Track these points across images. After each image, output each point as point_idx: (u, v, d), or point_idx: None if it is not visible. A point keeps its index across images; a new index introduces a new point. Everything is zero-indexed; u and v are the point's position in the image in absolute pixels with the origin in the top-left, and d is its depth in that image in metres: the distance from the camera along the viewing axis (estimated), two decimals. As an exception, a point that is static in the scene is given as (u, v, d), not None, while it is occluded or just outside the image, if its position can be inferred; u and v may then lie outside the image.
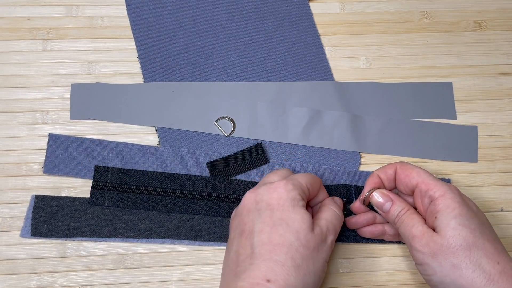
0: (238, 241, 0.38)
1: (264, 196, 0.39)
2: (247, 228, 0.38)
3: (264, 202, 0.39)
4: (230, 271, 0.37)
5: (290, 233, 0.37)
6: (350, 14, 0.53)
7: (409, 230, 0.39)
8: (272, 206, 0.38)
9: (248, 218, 0.39)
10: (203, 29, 0.51)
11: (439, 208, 0.38)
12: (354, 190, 0.45)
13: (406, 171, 0.41)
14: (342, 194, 0.45)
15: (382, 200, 0.41)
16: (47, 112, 0.48)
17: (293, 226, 0.37)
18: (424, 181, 0.40)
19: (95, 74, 0.49)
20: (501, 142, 0.49)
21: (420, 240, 0.38)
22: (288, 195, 0.38)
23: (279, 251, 0.36)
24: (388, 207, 0.41)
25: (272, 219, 0.37)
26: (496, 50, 0.52)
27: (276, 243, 0.36)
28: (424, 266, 0.38)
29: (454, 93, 0.50)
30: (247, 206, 0.39)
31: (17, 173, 0.46)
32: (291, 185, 0.39)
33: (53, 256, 0.44)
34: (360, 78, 0.50)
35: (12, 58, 0.49)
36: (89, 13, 0.51)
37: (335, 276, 0.44)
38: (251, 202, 0.39)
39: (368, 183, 0.43)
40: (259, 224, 0.38)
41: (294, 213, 0.38)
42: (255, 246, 0.37)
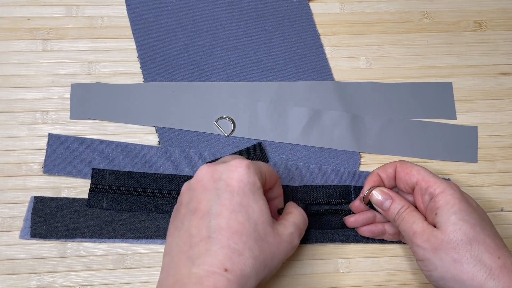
0: (190, 219, 0.36)
1: (223, 174, 0.37)
2: (202, 207, 0.36)
3: (223, 182, 0.36)
4: (181, 252, 0.35)
5: (249, 223, 0.35)
6: (350, 14, 0.53)
7: (409, 227, 0.39)
8: (232, 188, 0.36)
9: (204, 196, 0.36)
10: (203, 29, 0.51)
11: (439, 204, 0.38)
12: (353, 191, 0.45)
13: (406, 169, 0.41)
14: (341, 195, 0.45)
15: (382, 198, 0.41)
16: (47, 112, 0.48)
17: (252, 216, 0.35)
18: (424, 178, 0.40)
19: (95, 74, 0.49)
20: (501, 142, 0.49)
21: (421, 236, 0.38)
22: (248, 179, 0.36)
23: (238, 239, 0.34)
24: (388, 205, 0.41)
25: (232, 203, 0.35)
26: (496, 50, 0.52)
27: (235, 230, 0.35)
28: (425, 261, 0.38)
29: (454, 93, 0.50)
30: (202, 182, 0.37)
31: (17, 173, 0.46)
32: (252, 169, 0.37)
33: (53, 256, 0.44)
34: (360, 78, 0.50)
35: (12, 58, 0.49)
36: (89, 13, 0.51)
37: (335, 276, 0.44)
38: (208, 179, 0.37)
39: (368, 181, 0.43)
40: (217, 206, 0.35)
41: (254, 201, 0.36)
42: (212, 230, 0.35)
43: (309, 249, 0.45)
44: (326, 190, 0.45)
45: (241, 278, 0.34)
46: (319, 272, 0.44)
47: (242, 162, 0.37)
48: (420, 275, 0.45)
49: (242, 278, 0.34)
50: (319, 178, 0.46)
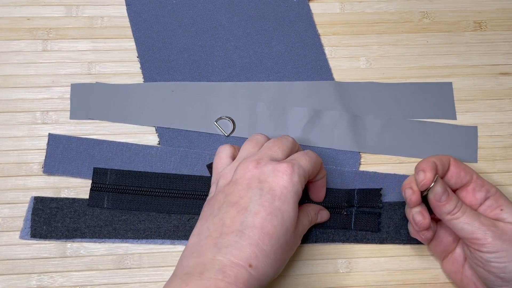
0: (227, 209, 0.37)
1: (269, 177, 0.37)
2: (242, 202, 0.37)
3: (267, 184, 0.37)
4: (209, 237, 0.36)
5: (281, 228, 0.36)
6: (350, 14, 0.53)
7: (477, 219, 0.39)
8: (274, 192, 0.37)
9: (246, 193, 0.37)
10: (203, 29, 0.51)
11: (502, 202, 0.40)
12: (357, 194, 0.45)
13: (461, 165, 0.42)
14: (344, 199, 0.45)
15: (442, 189, 0.40)
16: (47, 112, 0.48)
17: (286, 222, 0.37)
18: (478, 177, 0.42)
19: (95, 74, 0.49)
20: (501, 142, 0.49)
21: (497, 228, 0.39)
22: (292, 187, 0.37)
23: (267, 240, 0.36)
24: (446, 198, 0.40)
25: (271, 206, 0.37)
26: (496, 50, 0.52)
27: (267, 232, 0.36)
28: (500, 253, 0.38)
29: (454, 93, 0.50)
30: (248, 180, 0.38)
31: (17, 173, 0.46)
32: (297, 177, 0.38)
33: (53, 256, 0.44)
34: (360, 78, 0.50)
35: (12, 58, 0.49)
36: (89, 13, 0.51)
37: (335, 276, 0.44)
38: (254, 179, 0.38)
39: (427, 168, 0.41)
40: (256, 205, 0.36)
41: (292, 209, 0.37)
42: (245, 225, 0.36)
43: (309, 249, 0.45)
44: (330, 194, 0.45)
45: (262, 276, 0.35)
46: (319, 272, 0.44)
47: (288, 168, 0.38)
48: (420, 275, 0.45)
49: (263, 277, 0.35)
50: (319, 178, 0.46)
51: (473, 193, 0.41)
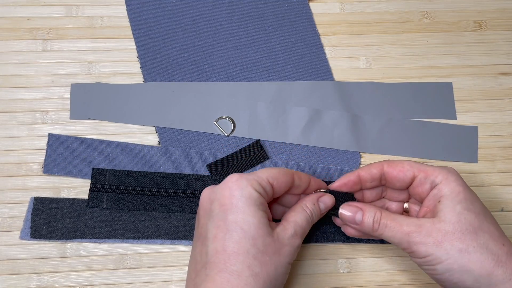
0: (195, 246, 0.37)
1: (217, 194, 0.36)
2: (202, 232, 0.36)
3: (217, 202, 0.36)
4: (189, 280, 0.36)
5: (245, 240, 0.34)
6: (350, 14, 0.53)
7: (399, 230, 0.37)
8: (225, 207, 0.35)
9: (204, 220, 0.36)
10: (203, 29, 0.51)
11: (444, 192, 0.37)
12: None
13: (397, 166, 0.40)
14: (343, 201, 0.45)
15: (351, 213, 0.39)
16: (46, 112, 0.48)
17: (248, 232, 0.34)
18: (421, 169, 0.39)
19: (95, 74, 0.49)
20: (501, 142, 0.49)
21: (420, 233, 0.37)
22: (241, 193, 0.35)
23: (234, 260, 0.34)
24: (360, 217, 0.39)
25: (226, 223, 0.35)
26: (496, 50, 0.52)
27: (231, 251, 0.34)
28: (428, 257, 0.36)
29: (454, 93, 0.50)
30: (202, 206, 0.37)
31: (16, 173, 0.46)
32: (244, 181, 0.36)
33: (52, 256, 0.44)
34: (360, 78, 0.50)
35: (12, 58, 0.49)
36: (89, 13, 0.51)
37: (335, 276, 0.44)
38: (206, 201, 0.37)
39: (341, 179, 0.41)
40: (212, 229, 0.35)
41: (250, 215, 0.35)
42: (209, 254, 0.34)
43: (309, 249, 0.45)
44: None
45: None
46: (319, 272, 0.44)
47: (232, 177, 0.36)
48: (420, 275, 0.45)
49: None
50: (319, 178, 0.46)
51: (420, 187, 0.39)
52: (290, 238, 0.37)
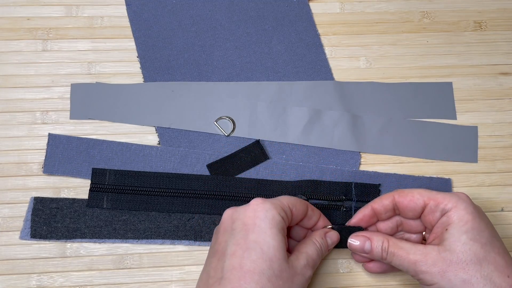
0: (210, 261, 0.37)
1: (240, 214, 0.37)
2: (220, 249, 0.36)
3: (239, 221, 0.36)
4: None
5: (263, 260, 0.34)
6: (350, 14, 0.53)
7: (406, 259, 0.38)
8: (247, 227, 0.36)
9: (223, 238, 0.37)
10: (203, 29, 0.51)
11: (452, 220, 0.37)
12: (354, 188, 0.45)
13: (407, 196, 0.40)
14: (341, 191, 0.45)
15: (359, 243, 0.40)
16: (47, 112, 0.48)
17: (267, 253, 0.35)
18: (431, 197, 0.39)
19: (95, 74, 0.49)
20: (501, 142, 0.49)
21: (426, 262, 0.37)
22: (265, 214, 0.36)
23: (249, 279, 0.34)
24: (369, 246, 0.40)
25: (246, 242, 0.35)
26: (496, 50, 0.52)
27: (247, 270, 0.34)
28: (434, 286, 0.37)
29: (454, 93, 0.50)
30: (224, 224, 0.38)
31: (16, 173, 0.46)
32: (269, 204, 0.37)
33: (52, 256, 0.44)
34: (360, 78, 0.50)
35: (12, 58, 0.49)
36: (89, 13, 0.51)
37: (335, 276, 0.44)
38: (228, 220, 0.37)
39: (356, 216, 0.42)
40: (232, 246, 0.35)
41: (271, 237, 0.35)
42: (225, 270, 0.35)
43: (309, 249, 0.45)
44: (327, 186, 0.45)
45: None
46: (319, 272, 0.44)
47: (257, 200, 0.37)
48: (420, 275, 0.45)
49: None
50: (319, 178, 0.46)
51: (431, 215, 0.39)
52: (302, 268, 0.37)
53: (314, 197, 0.45)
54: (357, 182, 0.46)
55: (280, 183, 0.46)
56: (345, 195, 0.45)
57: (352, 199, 0.45)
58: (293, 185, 0.46)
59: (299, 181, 0.46)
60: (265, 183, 0.46)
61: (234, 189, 0.45)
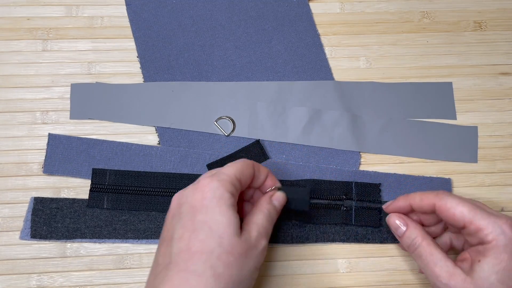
0: (158, 250, 0.35)
1: (188, 197, 0.35)
2: (168, 235, 0.35)
3: (187, 204, 0.35)
4: (148, 283, 0.34)
5: (212, 239, 0.33)
6: (350, 14, 0.53)
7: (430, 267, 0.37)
8: (195, 209, 0.34)
9: (171, 224, 0.35)
10: (203, 29, 0.51)
11: (488, 254, 0.36)
12: (355, 187, 0.45)
13: (449, 211, 0.38)
14: (342, 191, 0.45)
15: (398, 223, 0.40)
16: (47, 112, 0.48)
17: (216, 231, 0.33)
18: (472, 221, 0.37)
19: (95, 74, 0.49)
20: (501, 142, 0.49)
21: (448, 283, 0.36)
22: (213, 194, 0.34)
23: (197, 259, 0.32)
24: (402, 232, 0.40)
25: (193, 223, 0.34)
26: (496, 50, 0.52)
27: (195, 251, 0.33)
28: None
29: (454, 93, 0.50)
30: (171, 211, 0.36)
31: (16, 173, 0.46)
32: (216, 182, 0.35)
33: (52, 256, 0.44)
34: (360, 78, 0.50)
35: (12, 58, 0.49)
36: (89, 13, 0.51)
37: (335, 276, 0.44)
38: (175, 206, 0.36)
39: (393, 203, 0.42)
40: (179, 230, 0.34)
41: (220, 214, 0.34)
42: (173, 255, 0.33)
43: (309, 249, 0.45)
44: (327, 185, 0.45)
45: None
46: (319, 272, 0.44)
47: (205, 179, 0.36)
48: (420, 275, 0.45)
49: None
50: (319, 178, 0.46)
51: (469, 237, 0.38)
52: (255, 239, 0.36)
53: (314, 196, 0.45)
54: (358, 181, 0.46)
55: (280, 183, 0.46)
56: (345, 195, 0.45)
57: (352, 198, 0.45)
58: (294, 184, 0.46)
59: (299, 181, 0.46)
60: None
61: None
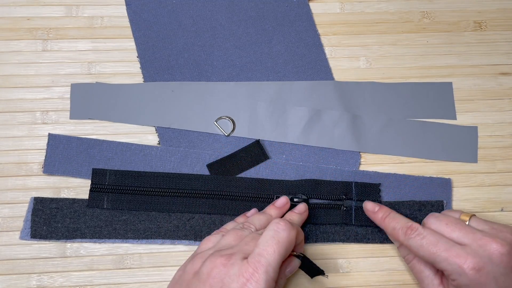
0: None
1: (232, 283, 0.33)
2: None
3: (219, 283, 0.34)
4: None
5: None
6: (350, 14, 0.52)
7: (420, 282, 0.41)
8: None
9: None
10: (203, 29, 0.51)
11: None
12: (355, 187, 0.46)
13: (414, 257, 0.41)
14: (342, 191, 0.45)
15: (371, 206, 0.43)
16: (47, 112, 0.48)
17: None
18: (435, 264, 0.38)
19: (95, 74, 0.49)
20: (501, 142, 0.49)
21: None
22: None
23: None
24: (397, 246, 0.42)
25: None
26: (496, 50, 0.52)
27: None
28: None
29: (454, 93, 0.50)
30: (211, 280, 0.34)
31: (16, 173, 0.46)
32: (263, 276, 0.33)
33: (52, 256, 0.44)
34: (360, 78, 0.50)
35: (12, 58, 0.49)
36: (89, 13, 0.51)
37: (335, 277, 0.44)
38: (217, 282, 0.34)
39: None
40: None
41: None
42: None
43: (309, 249, 0.45)
44: (328, 185, 0.45)
45: None
46: (319, 272, 0.44)
47: (252, 274, 0.34)
48: (420, 275, 0.45)
49: None
50: (319, 178, 0.46)
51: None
52: None
53: (314, 196, 0.45)
54: (358, 181, 0.46)
55: (280, 183, 0.46)
56: (345, 195, 0.45)
57: (352, 198, 0.45)
58: (293, 184, 0.46)
59: (299, 181, 0.46)
60: (265, 183, 0.46)
61: (234, 188, 0.45)
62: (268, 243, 0.35)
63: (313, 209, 0.45)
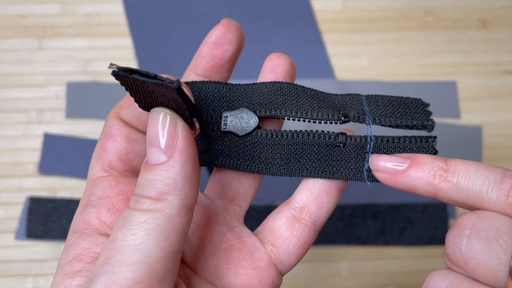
0: None
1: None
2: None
3: None
4: None
5: None
6: (352, 11, 0.52)
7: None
8: None
9: None
10: (201, 26, 0.50)
11: None
12: (368, 103, 0.27)
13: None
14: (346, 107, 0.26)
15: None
16: (42, 112, 0.47)
17: None
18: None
19: (92, 72, 0.48)
20: (506, 142, 0.48)
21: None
22: None
23: None
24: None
25: None
26: (501, 48, 0.51)
27: None
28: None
29: (458, 92, 0.50)
30: None
31: (12, 173, 0.45)
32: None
33: (48, 258, 0.43)
34: (362, 77, 0.50)
35: (7, 57, 0.48)
36: (86, 10, 0.50)
37: (336, 279, 0.44)
38: None
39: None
40: None
41: None
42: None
43: (310, 251, 0.44)
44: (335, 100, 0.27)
45: None
46: (320, 274, 0.44)
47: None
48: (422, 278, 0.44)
49: None
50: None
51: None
52: None
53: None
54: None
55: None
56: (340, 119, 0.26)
57: (365, 121, 0.26)
58: None
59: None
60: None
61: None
62: None
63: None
